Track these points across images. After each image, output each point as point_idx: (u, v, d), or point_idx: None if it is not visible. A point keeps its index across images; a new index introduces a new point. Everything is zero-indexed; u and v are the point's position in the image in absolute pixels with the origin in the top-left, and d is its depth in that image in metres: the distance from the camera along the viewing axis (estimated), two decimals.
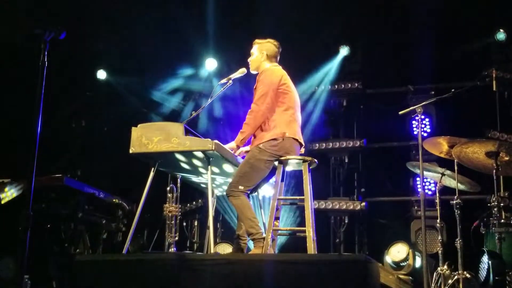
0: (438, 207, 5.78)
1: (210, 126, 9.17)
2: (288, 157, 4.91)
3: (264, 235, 4.78)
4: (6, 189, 6.14)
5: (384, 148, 8.96)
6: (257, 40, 5.34)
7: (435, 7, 8.22)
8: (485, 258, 5.11)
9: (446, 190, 6.04)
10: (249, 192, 4.94)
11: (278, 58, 5.34)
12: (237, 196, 4.83)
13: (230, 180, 5.13)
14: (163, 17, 8.58)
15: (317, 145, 8.80)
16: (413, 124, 8.31)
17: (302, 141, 5.12)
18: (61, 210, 6.55)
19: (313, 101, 9.06)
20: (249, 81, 5.94)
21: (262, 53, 5.25)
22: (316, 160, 5.02)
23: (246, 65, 5.40)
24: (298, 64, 8.32)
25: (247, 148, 5.20)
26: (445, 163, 5.98)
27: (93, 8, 8.44)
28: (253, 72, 5.29)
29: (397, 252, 7.39)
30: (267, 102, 4.96)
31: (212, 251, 4.91)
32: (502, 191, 6.72)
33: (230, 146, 5.09)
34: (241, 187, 4.84)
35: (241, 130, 5.02)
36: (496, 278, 4.92)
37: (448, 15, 8.22)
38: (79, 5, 8.40)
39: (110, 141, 9.18)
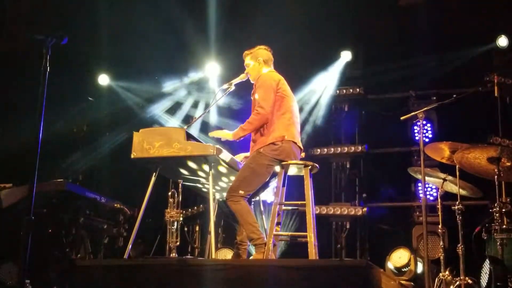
0: (439, 213, 5.76)
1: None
2: (289, 162, 4.92)
3: (265, 240, 4.77)
4: None
5: (385, 153, 8.96)
6: (246, 52, 5.36)
7: (437, 13, 8.24)
8: (486, 264, 5.10)
9: (447, 196, 6.03)
10: (248, 197, 4.93)
11: (273, 61, 5.35)
12: (237, 201, 4.83)
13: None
14: (165, 22, 8.59)
15: (319, 150, 8.79)
16: (414, 129, 8.33)
17: (301, 145, 5.13)
18: (62, 215, 6.55)
19: (314, 106, 9.07)
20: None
21: (258, 60, 5.27)
22: (317, 165, 5.02)
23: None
24: (299, 69, 8.35)
25: (247, 154, 5.20)
26: (447, 168, 5.96)
27: (94, 13, 8.47)
28: (254, 81, 5.27)
29: (399, 257, 7.38)
30: (271, 105, 4.97)
31: (213, 256, 4.91)
32: (504, 196, 6.70)
33: (225, 135, 5.08)
34: (241, 192, 4.84)
35: (242, 126, 5.01)
36: (498, 284, 4.89)
37: (450, 21, 8.23)
38: (81, 10, 8.44)
39: (111, 146, 9.20)
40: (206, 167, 5.05)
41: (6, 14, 8.37)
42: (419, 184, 8.01)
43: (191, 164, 5.20)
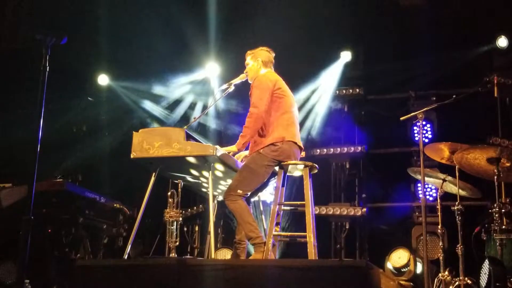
0: (439, 213, 5.76)
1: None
2: (289, 162, 4.91)
3: (264, 239, 4.77)
4: None
5: (385, 154, 8.95)
6: (248, 51, 5.37)
7: (437, 13, 8.23)
8: (486, 265, 5.10)
9: (447, 196, 6.02)
10: (247, 196, 4.93)
11: (273, 63, 5.36)
12: (235, 200, 4.83)
13: None
14: (165, 22, 8.60)
15: (318, 150, 8.78)
16: (414, 130, 8.32)
17: (301, 144, 5.12)
18: (62, 215, 6.55)
19: (314, 106, 9.07)
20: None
21: (257, 60, 5.28)
22: (316, 165, 5.02)
23: None
24: (299, 69, 8.34)
25: (247, 152, 5.20)
26: (446, 169, 5.97)
27: (94, 13, 8.48)
28: (251, 81, 5.28)
29: (398, 258, 7.38)
30: (265, 104, 4.97)
31: (212, 256, 4.91)
32: (503, 197, 6.70)
33: (230, 149, 5.08)
34: (239, 191, 4.84)
35: (241, 134, 5.02)
36: (497, 284, 4.89)
37: (449, 21, 8.23)
38: (81, 10, 8.44)
39: (111, 146, 9.19)
40: (206, 174, 5.06)
41: (6, 13, 8.37)
42: (419, 185, 8.01)
43: (193, 172, 5.21)
